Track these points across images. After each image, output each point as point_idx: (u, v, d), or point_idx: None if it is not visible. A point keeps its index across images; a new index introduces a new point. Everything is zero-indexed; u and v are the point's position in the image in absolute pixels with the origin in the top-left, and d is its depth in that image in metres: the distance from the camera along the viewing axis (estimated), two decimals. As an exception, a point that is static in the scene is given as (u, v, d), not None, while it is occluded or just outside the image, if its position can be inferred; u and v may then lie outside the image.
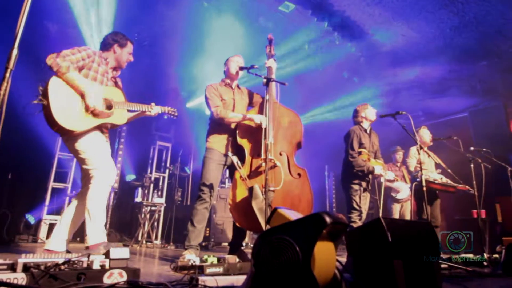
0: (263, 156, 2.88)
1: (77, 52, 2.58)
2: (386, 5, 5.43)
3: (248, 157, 3.07)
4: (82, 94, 2.52)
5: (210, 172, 3.14)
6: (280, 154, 3.11)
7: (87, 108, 2.53)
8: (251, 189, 2.80)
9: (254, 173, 3.00)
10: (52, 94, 2.39)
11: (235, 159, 2.94)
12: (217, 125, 3.28)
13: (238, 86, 3.52)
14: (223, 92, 3.34)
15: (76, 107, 2.50)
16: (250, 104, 3.53)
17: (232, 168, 3.22)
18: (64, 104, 2.43)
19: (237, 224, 2.97)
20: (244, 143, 3.12)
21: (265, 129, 2.91)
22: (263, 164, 2.82)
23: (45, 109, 2.39)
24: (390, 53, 6.69)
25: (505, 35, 5.81)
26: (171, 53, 6.40)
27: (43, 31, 5.30)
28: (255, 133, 3.11)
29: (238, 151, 3.12)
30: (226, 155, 3.21)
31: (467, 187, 4.65)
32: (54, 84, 2.44)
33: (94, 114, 2.56)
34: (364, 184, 4.04)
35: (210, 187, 3.12)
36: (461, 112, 7.98)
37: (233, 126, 3.26)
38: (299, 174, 3.07)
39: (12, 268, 1.44)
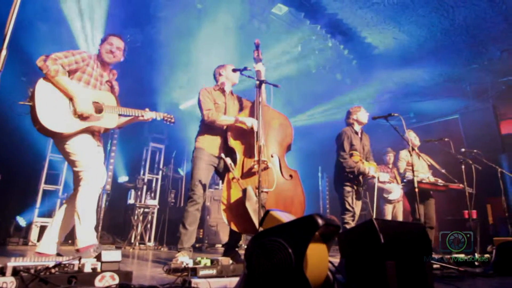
0: (256, 158, 2.88)
1: (70, 55, 2.55)
2: (378, 8, 5.48)
3: (240, 159, 3.08)
4: (71, 98, 2.50)
5: (200, 172, 3.11)
6: (272, 156, 3.12)
7: (75, 112, 2.50)
8: (244, 191, 2.81)
9: (246, 175, 3.01)
10: (39, 96, 2.37)
11: (228, 160, 2.94)
12: (207, 127, 3.27)
13: (231, 92, 3.54)
14: (216, 96, 3.36)
15: (64, 110, 2.47)
16: (241, 109, 3.53)
17: (223, 171, 3.22)
18: (50, 106, 2.41)
19: (230, 226, 2.96)
20: (236, 145, 3.13)
21: (257, 131, 2.94)
22: (256, 166, 2.85)
23: (32, 111, 2.37)
24: (382, 55, 6.75)
25: (494, 38, 5.91)
26: (164, 54, 6.37)
27: (34, 30, 5.24)
28: (246, 136, 3.12)
29: (229, 153, 3.12)
30: (218, 157, 3.21)
31: (460, 185, 4.68)
32: (42, 86, 2.41)
33: (82, 118, 2.54)
34: (356, 186, 4.05)
35: (201, 187, 3.09)
36: (452, 114, 8.07)
37: (224, 127, 3.26)
38: (290, 176, 3.09)
39: (1, 272, 1.42)
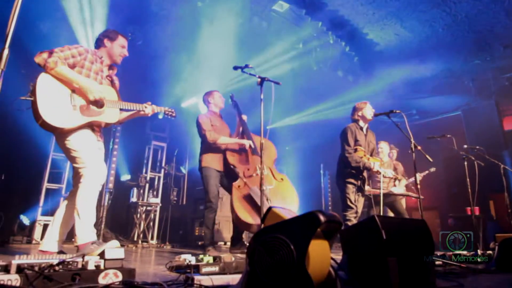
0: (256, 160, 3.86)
1: (67, 50, 2.54)
2: (379, 4, 5.46)
3: (241, 172, 3.81)
4: (73, 90, 2.49)
5: (213, 188, 3.86)
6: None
7: (78, 106, 2.50)
8: (252, 189, 3.62)
9: (249, 181, 3.75)
10: (40, 91, 2.36)
11: (237, 170, 3.85)
12: (208, 147, 3.91)
13: (220, 116, 4.21)
14: (213, 119, 4.01)
15: (65, 104, 2.46)
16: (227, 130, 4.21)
17: (227, 184, 3.95)
18: (52, 101, 2.40)
19: (244, 221, 3.45)
20: (235, 161, 3.88)
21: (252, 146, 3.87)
22: (256, 173, 3.76)
23: (33, 106, 2.36)
24: (384, 52, 6.73)
25: (497, 34, 5.87)
26: (165, 52, 6.37)
27: (35, 30, 5.25)
28: (242, 152, 3.95)
29: (229, 168, 3.89)
30: (220, 172, 3.96)
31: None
32: (43, 81, 2.40)
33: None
34: (359, 182, 4.04)
35: (216, 198, 3.89)
36: (455, 111, 8.05)
37: (223, 147, 3.93)
38: (282, 179, 3.90)
39: (6, 269, 1.43)
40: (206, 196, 3.89)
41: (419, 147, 4.56)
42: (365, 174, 4.12)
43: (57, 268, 1.51)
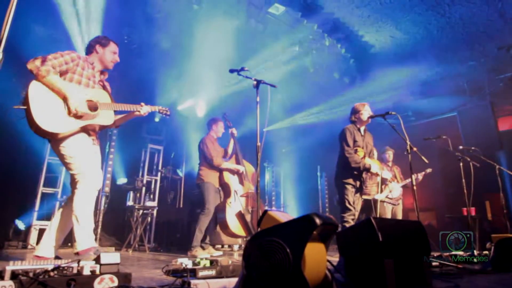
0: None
1: (59, 57, 2.54)
2: (374, 6, 5.50)
3: (232, 189, 4.53)
4: (64, 97, 2.49)
5: (212, 198, 4.46)
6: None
7: (70, 111, 2.50)
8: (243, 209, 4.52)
9: (238, 198, 4.58)
10: (33, 98, 2.36)
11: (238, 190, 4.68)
12: (209, 165, 4.57)
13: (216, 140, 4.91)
14: (215, 143, 4.74)
15: (59, 110, 2.46)
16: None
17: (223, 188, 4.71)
18: (45, 107, 2.39)
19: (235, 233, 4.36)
20: (229, 180, 4.60)
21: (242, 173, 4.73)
22: (245, 194, 4.64)
23: (27, 114, 2.36)
24: (379, 54, 6.77)
25: (491, 36, 5.93)
26: (161, 56, 6.36)
27: (30, 33, 5.23)
28: (235, 175, 4.71)
29: (223, 185, 4.61)
30: (217, 188, 4.64)
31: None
32: (34, 88, 2.40)
33: (77, 116, 2.54)
34: (358, 183, 4.04)
35: (213, 207, 4.45)
36: (450, 112, 8.09)
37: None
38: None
39: (0, 275, 1.42)
40: (205, 204, 4.41)
41: (415, 149, 4.59)
42: (364, 175, 4.13)
43: (52, 273, 1.50)
